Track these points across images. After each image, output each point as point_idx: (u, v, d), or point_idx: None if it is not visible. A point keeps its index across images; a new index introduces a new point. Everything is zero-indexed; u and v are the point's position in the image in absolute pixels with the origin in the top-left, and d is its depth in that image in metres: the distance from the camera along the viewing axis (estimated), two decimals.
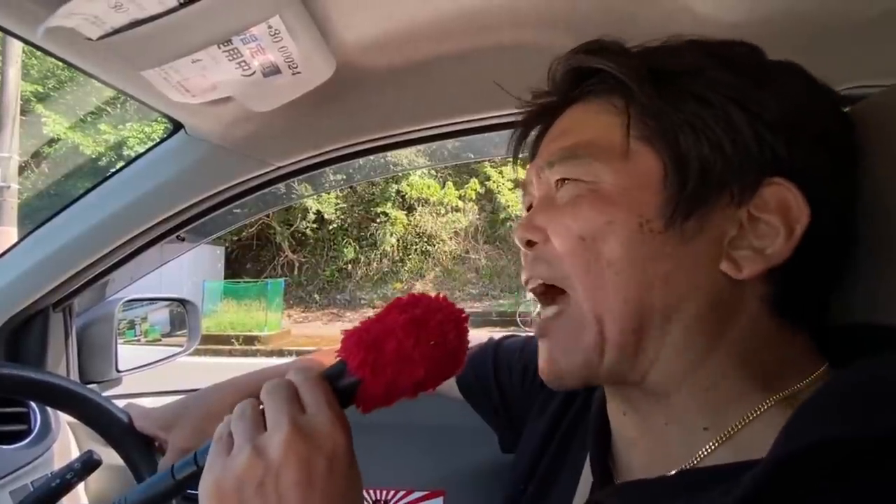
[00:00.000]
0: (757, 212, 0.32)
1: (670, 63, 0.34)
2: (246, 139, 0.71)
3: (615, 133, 0.35)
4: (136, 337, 1.29)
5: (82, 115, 8.24)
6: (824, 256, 0.33)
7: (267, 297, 9.46)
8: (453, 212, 10.92)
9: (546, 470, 0.47)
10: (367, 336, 0.35)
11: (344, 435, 0.32)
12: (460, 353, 0.36)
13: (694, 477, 0.32)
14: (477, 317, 8.91)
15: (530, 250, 0.38)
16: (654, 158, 0.33)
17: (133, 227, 0.79)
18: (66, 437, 0.87)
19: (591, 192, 0.34)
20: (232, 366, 6.59)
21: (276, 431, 0.31)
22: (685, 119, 0.33)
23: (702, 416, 0.33)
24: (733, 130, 0.32)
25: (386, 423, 0.80)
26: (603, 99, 0.36)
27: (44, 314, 0.88)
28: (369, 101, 0.69)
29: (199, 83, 0.53)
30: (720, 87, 0.32)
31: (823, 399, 0.27)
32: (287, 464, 0.30)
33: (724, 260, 0.32)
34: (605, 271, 0.33)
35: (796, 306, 0.33)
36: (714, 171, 0.32)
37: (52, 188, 7.10)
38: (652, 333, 0.33)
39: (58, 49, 0.51)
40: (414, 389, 0.35)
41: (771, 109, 0.32)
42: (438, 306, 0.36)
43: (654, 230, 0.33)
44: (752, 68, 0.34)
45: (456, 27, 0.57)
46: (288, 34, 0.48)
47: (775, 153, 0.32)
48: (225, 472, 0.31)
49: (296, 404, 0.33)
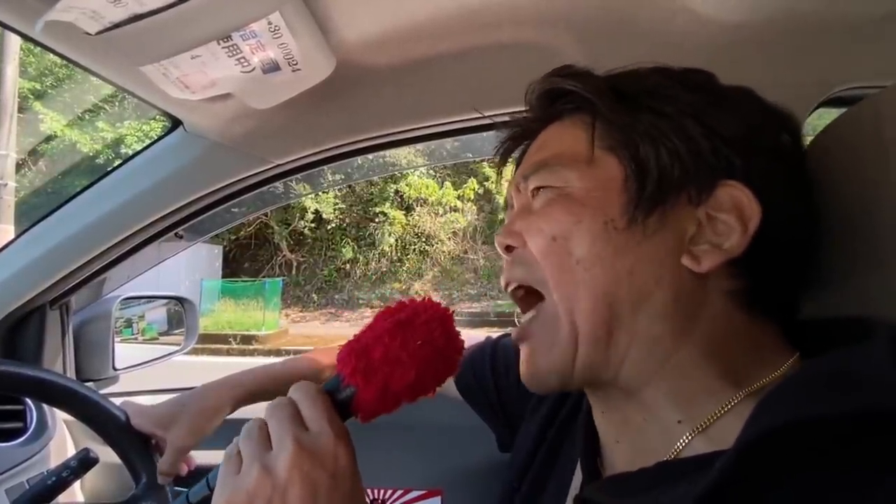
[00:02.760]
0: (713, 211, 0.35)
1: (632, 83, 0.38)
2: (245, 136, 0.71)
3: (582, 144, 0.38)
4: (133, 335, 1.29)
5: (80, 112, 8.21)
6: (783, 253, 0.36)
7: (265, 297, 9.44)
8: (452, 212, 10.92)
9: (539, 469, 0.48)
10: (357, 345, 0.36)
11: (346, 451, 0.34)
12: (451, 352, 0.37)
13: (672, 468, 0.33)
14: (475, 317, 8.91)
15: (509, 255, 0.40)
16: (616, 165, 0.37)
17: (130, 225, 0.78)
18: (62, 434, 0.87)
19: (561, 196, 0.38)
20: (229, 365, 6.61)
21: (282, 451, 0.33)
22: (645, 130, 0.36)
23: (675, 409, 0.35)
24: (689, 140, 0.35)
25: (384, 423, 0.79)
26: (574, 116, 0.40)
27: (41, 311, 0.87)
28: (369, 99, 0.69)
29: (198, 79, 0.52)
30: (678, 103, 0.36)
31: (787, 387, 0.29)
32: (292, 482, 0.32)
33: (685, 254, 0.35)
34: (576, 269, 0.36)
35: (762, 300, 0.36)
36: (672, 175, 0.35)
37: (49, 186, 7.07)
38: (622, 325, 0.35)
39: (56, 44, 0.50)
40: (411, 393, 0.35)
41: (727, 124, 0.35)
42: (423, 307, 0.37)
43: (618, 228, 0.35)
44: (709, 89, 0.38)
45: (456, 25, 0.57)
46: (288, 31, 0.47)
47: (730, 162, 0.35)
48: (236, 491, 0.32)
49: (298, 422, 0.34)
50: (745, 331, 0.35)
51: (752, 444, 0.27)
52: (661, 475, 0.33)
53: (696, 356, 0.35)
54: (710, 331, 0.35)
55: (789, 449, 0.27)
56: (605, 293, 0.35)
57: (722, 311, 0.35)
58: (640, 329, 0.35)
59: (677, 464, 0.33)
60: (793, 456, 0.27)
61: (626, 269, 0.35)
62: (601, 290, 0.35)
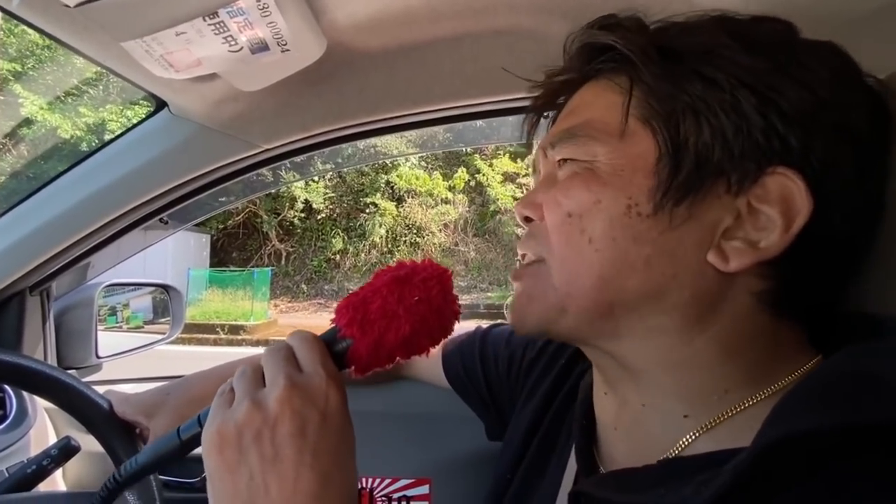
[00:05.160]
0: (757, 202, 0.31)
1: (683, 41, 0.33)
2: (232, 120, 0.69)
3: (616, 113, 0.34)
4: (117, 323, 1.26)
5: (61, 94, 7.98)
6: (827, 255, 0.32)
7: (253, 287, 9.36)
8: (443, 203, 10.88)
9: (533, 459, 0.47)
10: (355, 298, 0.36)
11: (338, 392, 0.33)
12: (447, 311, 0.37)
13: (677, 466, 0.32)
14: (465, 309, 8.89)
15: (527, 226, 0.38)
16: (650, 141, 0.32)
17: (113, 209, 0.76)
18: (43, 422, 0.85)
19: (585, 171, 0.34)
20: (217, 355, 6.52)
21: (274, 387, 0.33)
22: (688, 102, 0.31)
23: (680, 402, 0.33)
24: (739, 117, 0.30)
25: (374, 412, 0.79)
26: (610, 77, 0.35)
27: (20, 297, 0.85)
28: (360, 84, 0.67)
29: (183, 58, 0.51)
30: (733, 68, 0.31)
31: (805, 390, 0.27)
32: (283, 416, 0.31)
33: (712, 250, 0.31)
34: (586, 248, 0.33)
35: (793, 304, 0.32)
36: (711, 158, 0.31)
37: (28, 170, 6.87)
38: (625, 313, 0.33)
39: (33, 17, 0.48)
40: (405, 348, 0.36)
41: (788, 97, 0.30)
42: (423, 267, 0.37)
43: (642, 214, 0.32)
44: (777, 49, 0.31)
45: (450, 9, 0.56)
46: (277, 8, 0.46)
47: (785, 143, 0.30)
48: (226, 422, 0.32)
49: (293, 363, 0.34)
50: (769, 332, 0.32)
51: (770, 448, 0.25)
52: (667, 472, 0.32)
53: (710, 353, 0.32)
54: (729, 329, 0.32)
55: (804, 454, 0.25)
56: (613, 278, 0.32)
57: (745, 311, 0.32)
58: (645, 319, 0.33)
59: (684, 461, 0.32)
60: (809, 460, 0.25)
61: (643, 259, 0.32)
62: (608, 274, 0.33)
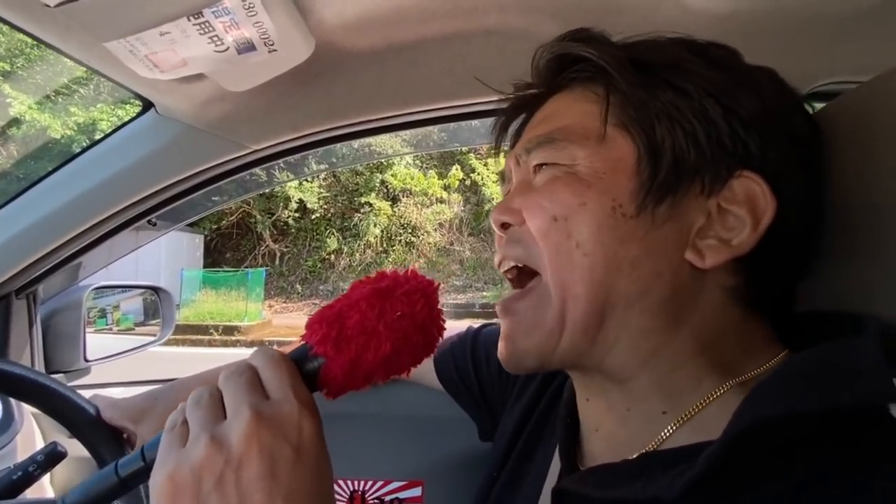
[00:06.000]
0: (725, 203, 0.33)
1: (652, 55, 0.35)
2: (220, 120, 0.68)
3: (593, 119, 0.35)
4: (108, 325, 1.25)
5: (51, 93, 7.88)
6: (788, 250, 0.35)
7: (247, 287, 9.30)
8: (438, 203, 10.88)
9: (518, 458, 0.47)
10: (329, 312, 0.32)
11: (312, 422, 0.29)
12: (431, 327, 0.33)
13: (655, 459, 0.33)
14: (460, 308, 8.94)
15: (505, 233, 0.38)
16: (629, 144, 0.34)
17: (100, 211, 0.75)
18: (30, 427, 0.84)
19: (567, 175, 0.35)
20: (211, 356, 6.45)
21: (237, 420, 0.28)
22: (662, 108, 0.34)
23: (660, 400, 0.34)
24: (708, 122, 0.33)
25: (365, 413, 0.79)
26: (584, 87, 0.37)
27: (5, 301, 0.84)
28: (350, 84, 0.67)
29: (168, 58, 0.50)
30: (699, 80, 0.33)
31: (777, 379, 0.29)
32: (249, 455, 0.27)
33: (689, 249, 0.33)
34: (574, 252, 0.34)
35: (760, 297, 0.34)
36: (687, 160, 0.33)
37: (17, 170, 6.80)
38: (614, 315, 0.34)
39: (13, 17, 0.47)
40: (384, 369, 0.32)
41: (746, 107, 0.33)
42: (406, 278, 0.33)
43: (627, 214, 0.33)
44: (731, 67, 0.35)
45: (440, 9, 0.56)
46: (263, 8, 0.45)
47: (747, 149, 0.33)
48: (179, 466, 0.27)
49: (258, 389, 0.30)
50: (738, 325, 0.34)
51: (740, 435, 0.26)
52: (645, 465, 0.32)
53: (685, 349, 0.34)
54: (702, 325, 0.34)
55: (777, 440, 0.26)
56: (603, 282, 0.33)
57: (717, 306, 0.34)
58: (631, 321, 0.34)
59: (661, 454, 0.33)
60: (780, 447, 0.26)
61: (630, 259, 0.33)
62: (599, 278, 0.33)
